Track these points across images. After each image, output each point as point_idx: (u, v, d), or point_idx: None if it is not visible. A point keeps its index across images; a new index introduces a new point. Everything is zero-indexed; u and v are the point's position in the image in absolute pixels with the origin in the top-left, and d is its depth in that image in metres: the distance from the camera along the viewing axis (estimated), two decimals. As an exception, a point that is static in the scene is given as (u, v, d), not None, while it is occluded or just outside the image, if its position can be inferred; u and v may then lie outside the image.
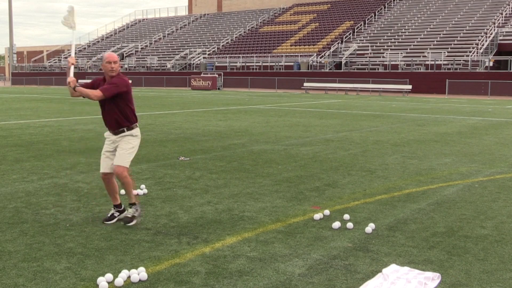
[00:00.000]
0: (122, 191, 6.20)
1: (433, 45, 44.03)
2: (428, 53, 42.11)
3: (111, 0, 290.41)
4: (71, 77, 5.20)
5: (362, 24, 53.28)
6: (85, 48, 72.34)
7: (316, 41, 51.59)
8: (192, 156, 9.57)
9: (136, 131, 5.48)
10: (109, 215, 5.45)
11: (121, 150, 5.33)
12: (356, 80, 41.47)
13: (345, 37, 50.50)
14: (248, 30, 61.14)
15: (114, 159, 5.33)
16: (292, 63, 47.41)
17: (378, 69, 43.20)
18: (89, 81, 5.71)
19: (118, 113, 5.33)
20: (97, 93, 5.19)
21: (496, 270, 4.16)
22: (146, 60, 58.77)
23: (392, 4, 57.37)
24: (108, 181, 5.46)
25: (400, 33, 48.22)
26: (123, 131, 5.39)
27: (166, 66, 55.41)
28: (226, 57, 53.15)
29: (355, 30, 51.95)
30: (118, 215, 5.44)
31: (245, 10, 70.78)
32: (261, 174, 7.96)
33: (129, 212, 5.35)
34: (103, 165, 5.42)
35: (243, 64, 50.42)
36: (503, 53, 40.94)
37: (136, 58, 61.45)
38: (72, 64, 5.27)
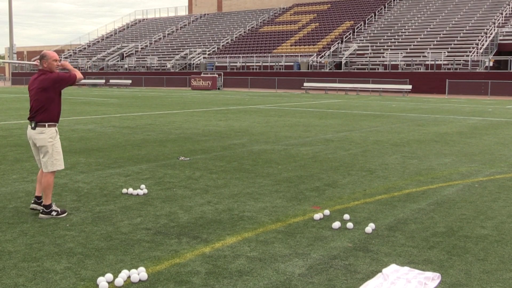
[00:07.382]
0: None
1: (433, 45, 44.03)
2: (428, 53, 42.10)
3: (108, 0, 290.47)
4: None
5: (362, 24, 53.28)
6: (85, 48, 72.34)
7: (316, 41, 51.60)
8: (192, 156, 9.57)
9: None
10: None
11: None
12: (356, 80, 41.47)
13: (345, 37, 50.50)
14: (248, 30, 61.14)
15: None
16: (292, 63, 47.39)
17: (378, 69, 43.20)
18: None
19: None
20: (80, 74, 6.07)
21: (496, 270, 4.16)
22: (146, 60, 58.78)
23: (392, 4, 57.37)
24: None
25: (400, 33, 48.21)
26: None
27: (166, 66, 55.41)
28: (226, 57, 53.15)
29: (355, 30, 51.95)
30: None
31: (245, 10, 70.77)
32: (261, 174, 7.96)
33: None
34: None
35: (243, 64, 50.41)
36: (503, 53, 40.94)
37: (136, 58, 61.45)
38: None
